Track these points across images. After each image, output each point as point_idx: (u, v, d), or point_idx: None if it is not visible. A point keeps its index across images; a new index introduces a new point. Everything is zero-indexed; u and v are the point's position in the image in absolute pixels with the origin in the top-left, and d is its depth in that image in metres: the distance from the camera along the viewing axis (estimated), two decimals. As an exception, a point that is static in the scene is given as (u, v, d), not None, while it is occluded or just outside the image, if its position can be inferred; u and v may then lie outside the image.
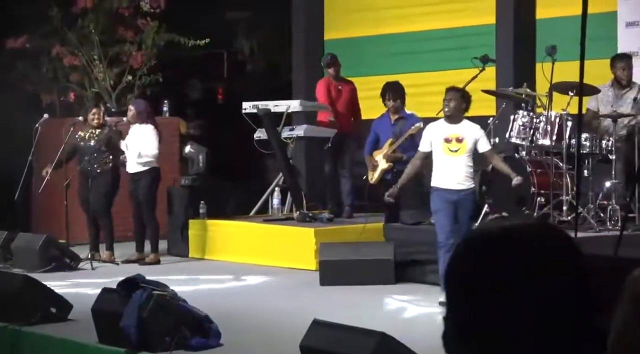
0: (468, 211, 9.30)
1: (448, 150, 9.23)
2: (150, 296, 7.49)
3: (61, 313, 8.75)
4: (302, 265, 11.59)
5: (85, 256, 12.05)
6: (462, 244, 1.67)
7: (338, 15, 15.16)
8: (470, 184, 9.28)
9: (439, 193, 9.28)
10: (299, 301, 9.68)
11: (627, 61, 10.91)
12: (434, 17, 13.95)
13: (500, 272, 1.59)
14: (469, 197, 9.29)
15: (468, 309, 1.61)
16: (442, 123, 9.36)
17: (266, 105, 12.88)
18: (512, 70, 12.62)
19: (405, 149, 11.51)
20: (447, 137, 9.24)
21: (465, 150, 9.21)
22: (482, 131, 9.41)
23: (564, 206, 10.12)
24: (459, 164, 9.21)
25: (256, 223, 12.68)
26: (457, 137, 9.22)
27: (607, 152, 10.22)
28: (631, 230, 9.54)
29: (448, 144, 9.23)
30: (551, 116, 10.32)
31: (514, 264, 1.59)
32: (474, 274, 1.62)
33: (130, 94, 15.13)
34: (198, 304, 8.10)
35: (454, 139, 9.23)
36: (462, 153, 9.20)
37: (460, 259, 1.66)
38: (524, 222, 1.66)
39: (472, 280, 1.62)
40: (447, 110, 9.25)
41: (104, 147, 12.35)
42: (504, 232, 1.64)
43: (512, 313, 1.58)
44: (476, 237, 1.67)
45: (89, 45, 15.14)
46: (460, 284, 1.64)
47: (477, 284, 1.61)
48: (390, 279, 10.37)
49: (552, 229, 1.67)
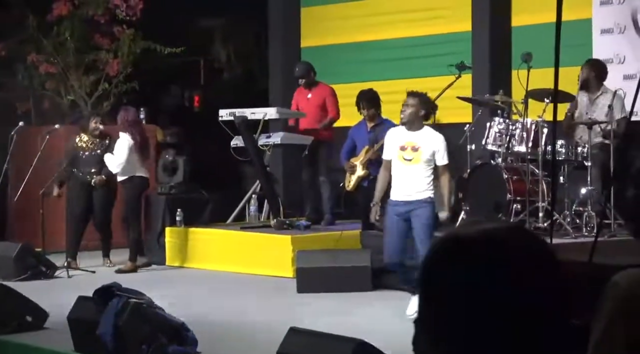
0: (422, 219, 8.69)
1: (402, 158, 8.76)
2: (127, 304, 7.47)
3: (37, 322, 8.72)
4: (279, 272, 11.58)
5: (62, 264, 12.00)
6: (437, 246, 1.67)
7: (314, 22, 15.18)
8: (426, 195, 8.71)
9: (392, 208, 8.80)
10: (276, 309, 9.67)
11: (584, 65, 10.99)
12: (410, 25, 13.98)
13: (474, 275, 1.60)
14: (424, 206, 8.70)
15: (441, 310, 1.62)
16: (401, 130, 8.92)
17: (243, 112, 12.87)
18: (488, 78, 12.67)
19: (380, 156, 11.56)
20: (403, 144, 8.77)
21: (420, 160, 8.69)
22: (444, 143, 8.82)
23: (540, 213, 10.16)
24: (412, 173, 8.71)
25: (233, 231, 12.66)
26: (413, 145, 8.73)
27: (583, 159, 10.27)
28: (607, 236, 9.59)
29: (403, 152, 8.76)
30: (527, 123, 10.36)
31: (489, 267, 1.60)
32: (447, 276, 1.63)
33: (106, 101, 15.10)
34: (175, 312, 8.08)
35: (409, 147, 8.74)
36: (416, 162, 8.70)
37: (435, 262, 1.66)
38: (499, 226, 1.67)
39: (445, 282, 1.63)
40: (403, 116, 8.80)
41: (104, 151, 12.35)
42: (479, 235, 1.64)
43: (485, 315, 1.58)
44: (451, 240, 1.67)
45: (64, 53, 15.09)
46: (434, 285, 1.64)
47: (450, 286, 1.62)
48: (367, 286, 10.38)
49: (527, 233, 1.67)
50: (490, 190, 10.49)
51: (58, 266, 11.95)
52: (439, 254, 1.66)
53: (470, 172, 10.73)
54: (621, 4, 11.89)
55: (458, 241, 1.65)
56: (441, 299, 1.62)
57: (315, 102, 12.89)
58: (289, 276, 11.23)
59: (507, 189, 10.25)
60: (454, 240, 1.66)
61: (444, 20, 13.64)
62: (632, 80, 11.22)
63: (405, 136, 8.79)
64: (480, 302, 1.58)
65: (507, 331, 1.58)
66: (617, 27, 11.93)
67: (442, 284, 1.63)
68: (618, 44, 11.86)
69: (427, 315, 1.65)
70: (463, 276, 1.60)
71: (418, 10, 13.90)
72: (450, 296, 1.61)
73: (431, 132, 8.82)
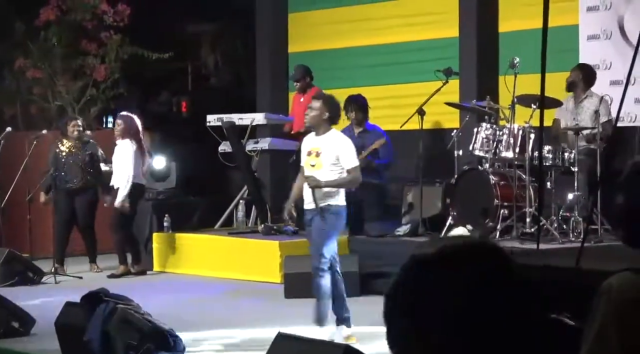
0: (315, 228, 8.21)
1: (309, 165, 8.29)
2: (114, 309, 7.46)
3: (24, 328, 8.70)
4: (267, 278, 11.58)
5: (49, 270, 11.97)
6: (403, 267, 1.73)
7: (302, 28, 15.19)
8: (327, 202, 8.15)
9: (305, 216, 8.40)
10: (263, 314, 9.66)
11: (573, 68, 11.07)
12: (397, 30, 14.00)
13: (436, 294, 1.63)
14: (319, 214, 8.14)
15: (407, 326, 1.65)
16: (311, 135, 8.44)
17: (230, 118, 12.88)
18: (475, 83, 12.69)
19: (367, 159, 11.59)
20: (310, 150, 8.33)
21: (322, 165, 8.17)
22: (348, 146, 8.26)
23: (527, 218, 10.18)
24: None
25: (221, 236, 12.65)
26: (317, 150, 8.26)
27: (570, 164, 10.30)
28: (593, 242, 9.61)
29: (309, 158, 8.31)
30: (514, 129, 10.38)
31: (450, 286, 1.63)
32: (412, 295, 1.66)
33: (93, 107, 15.08)
34: (162, 318, 8.07)
35: (314, 152, 8.28)
36: (318, 168, 8.18)
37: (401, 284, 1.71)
38: (459, 243, 1.69)
39: (411, 301, 1.66)
40: (306, 120, 8.40)
41: (88, 160, 12.30)
42: (440, 254, 1.67)
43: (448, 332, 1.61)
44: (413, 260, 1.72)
45: (52, 58, 15.07)
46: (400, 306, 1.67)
47: (414, 304, 1.65)
48: (355, 292, 10.37)
49: (487, 248, 1.69)
50: (477, 195, 10.50)
51: (45, 271, 11.92)
52: (404, 277, 1.70)
53: (458, 177, 10.75)
54: (607, 10, 11.93)
55: (418, 261, 1.70)
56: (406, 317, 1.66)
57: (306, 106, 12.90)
58: (277, 281, 11.24)
59: (495, 195, 10.27)
60: (415, 260, 1.71)
61: (431, 26, 13.65)
62: (619, 86, 11.25)
63: (312, 142, 8.36)
64: (440, 318, 1.61)
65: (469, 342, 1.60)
66: (603, 33, 11.97)
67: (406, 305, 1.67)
68: (604, 50, 11.90)
69: (395, 332, 1.69)
70: (426, 297, 1.64)
71: (405, 16, 13.91)
72: (414, 314, 1.65)
73: (335, 136, 8.31)
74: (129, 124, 12.24)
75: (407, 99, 13.03)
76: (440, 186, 11.69)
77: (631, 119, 11.56)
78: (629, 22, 11.73)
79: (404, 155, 12.10)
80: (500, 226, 10.19)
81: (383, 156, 11.69)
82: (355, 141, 11.82)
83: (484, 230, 10.22)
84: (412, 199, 11.82)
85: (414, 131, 11.10)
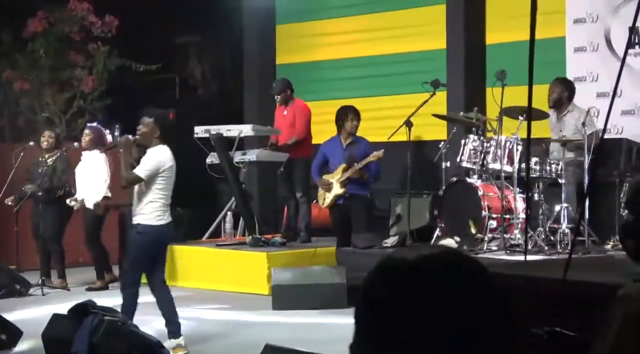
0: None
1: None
2: (101, 321, 7.44)
3: (11, 340, 8.66)
4: (254, 290, 11.57)
5: (36, 282, 11.94)
6: (375, 266, 1.71)
7: (289, 40, 15.22)
8: (143, 220, 8.28)
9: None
10: (251, 326, 9.65)
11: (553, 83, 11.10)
12: (384, 42, 14.04)
13: (409, 302, 1.62)
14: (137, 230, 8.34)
15: (376, 335, 1.64)
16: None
17: (218, 129, 12.88)
18: (462, 95, 12.73)
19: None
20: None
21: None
22: (148, 157, 8.27)
23: (514, 230, 10.20)
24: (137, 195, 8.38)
25: (208, 248, 12.64)
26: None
27: (557, 176, 10.33)
28: (581, 253, 9.63)
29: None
30: (501, 140, 10.41)
31: (423, 295, 1.62)
32: (385, 299, 1.65)
33: (81, 118, 15.06)
34: (149, 330, 8.05)
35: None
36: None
37: (370, 282, 1.69)
38: (433, 252, 1.69)
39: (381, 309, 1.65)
40: (138, 138, 8.39)
41: (51, 173, 12.26)
42: (413, 262, 1.67)
43: (420, 343, 1.60)
44: (385, 262, 1.70)
45: (39, 70, 15.05)
46: (371, 313, 1.67)
47: (385, 313, 1.64)
48: (342, 303, 10.38)
49: (461, 258, 1.69)
50: (465, 207, 10.52)
51: (32, 283, 11.89)
52: (373, 275, 1.70)
53: (445, 189, 10.77)
54: (594, 23, 11.99)
55: (395, 265, 1.69)
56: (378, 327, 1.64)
57: (289, 120, 12.91)
58: (265, 293, 11.23)
59: (482, 206, 10.29)
60: (387, 262, 1.70)
61: (419, 38, 13.70)
62: (605, 98, 11.31)
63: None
64: (412, 326, 1.60)
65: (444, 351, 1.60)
66: (590, 46, 12.02)
67: (378, 313, 1.65)
68: (591, 62, 11.95)
69: (364, 340, 1.67)
70: (397, 304, 1.63)
71: (393, 27, 13.95)
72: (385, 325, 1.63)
73: (149, 151, 8.35)
74: (98, 135, 12.23)
75: (395, 110, 13.06)
76: (428, 198, 11.70)
77: (617, 131, 11.60)
78: (615, 35, 11.78)
79: (391, 167, 12.11)
80: (487, 237, 10.20)
81: (373, 167, 11.70)
82: (343, 152, 11.88)
83: (472, 241, 10.24)
84: (399, 210, 11.83)
85: (402, 143, 11.11)
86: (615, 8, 11.82)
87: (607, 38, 11.89)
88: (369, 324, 1.65)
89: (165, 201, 8.37)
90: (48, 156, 12.35)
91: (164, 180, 8.31)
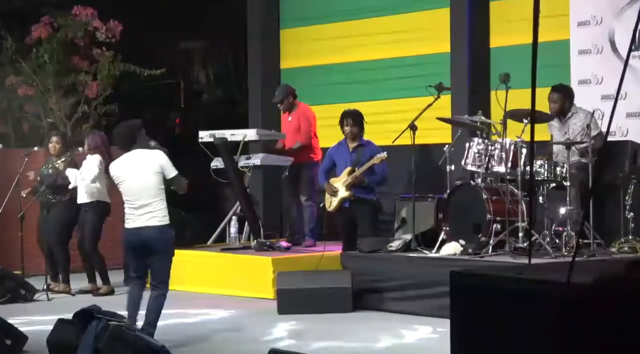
0: None
1: None
2: (106, 326, 7.44)
3: (16, 345, 8.65)
4: (259, 294, 11.57)
5: (41, 288, 11.94)
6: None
7: (294, 44, 15.22)
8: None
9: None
10: (256, 330, 9.64)
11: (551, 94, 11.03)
12: (389, 46, 14.04)
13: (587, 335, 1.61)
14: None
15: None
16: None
17: (223, 134, 12.88)
18: (467, 98, 12.72)
19: (363, 175, 11.58)
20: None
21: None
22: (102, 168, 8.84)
23: (519, 233, 10.18)
24: None
25: (213, 252, 12.64)
26: None
27: (562, 178, 10.31)
28: (586, 256, 9.62)
29: None
30: (506, 143, 10.39)
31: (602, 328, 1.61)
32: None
33: (85, 124, 15.08)
34: (155, 335, 8.05)
35: None
36: None
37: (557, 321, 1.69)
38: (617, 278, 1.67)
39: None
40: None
41: (55, 177, 12.25)
42: (597, 289, 1.66)
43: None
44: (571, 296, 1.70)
45: (43, 75, 15.07)
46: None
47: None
48: (347, 308, 10.38)
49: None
50: (470, 210, 10.50)
51: (37, 289, 11.89)
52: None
53: (450, 192, 10.75)
54: (598, 25, 11.98)
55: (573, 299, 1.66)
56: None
57: (294, 125, 12.95)
58: (270, 297, 11.23)
59: (487, 210, 10.27)
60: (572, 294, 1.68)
61: (423, 42, 13.69)
62: (610, 100, 11.29)
63: None
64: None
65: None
66: (594, 48, 12.01)
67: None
68: (595, 65, 11.94)
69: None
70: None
71: (397, 31, 13.95)
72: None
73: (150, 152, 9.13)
74: (98, 141, 12.21)
75: (399, 114, 13.06)
76: (433, 201, 11.68)
77: (622, 133, 11.59)
78: (619, 37, 11.77)
79: (396, 170, 12.10)
80: (492, 240, 10.19)
81: (379, 171, 11.68)
82: (350, 156, 11.86)
83: (477, 245, 10.22)
84: (404, 214, 11.81)
85: (406, 147, 11.10)
86: (620, 10, 11.82)
87: (611, 40, 11.88)
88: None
89: (127, 205, 8.69)
90: (57, 159, 12.35)
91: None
